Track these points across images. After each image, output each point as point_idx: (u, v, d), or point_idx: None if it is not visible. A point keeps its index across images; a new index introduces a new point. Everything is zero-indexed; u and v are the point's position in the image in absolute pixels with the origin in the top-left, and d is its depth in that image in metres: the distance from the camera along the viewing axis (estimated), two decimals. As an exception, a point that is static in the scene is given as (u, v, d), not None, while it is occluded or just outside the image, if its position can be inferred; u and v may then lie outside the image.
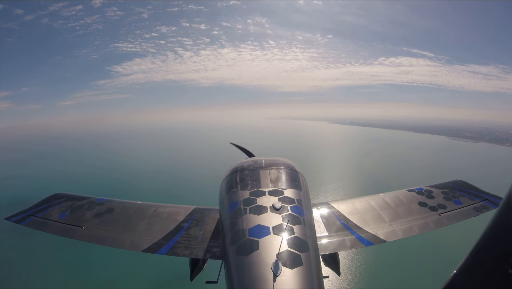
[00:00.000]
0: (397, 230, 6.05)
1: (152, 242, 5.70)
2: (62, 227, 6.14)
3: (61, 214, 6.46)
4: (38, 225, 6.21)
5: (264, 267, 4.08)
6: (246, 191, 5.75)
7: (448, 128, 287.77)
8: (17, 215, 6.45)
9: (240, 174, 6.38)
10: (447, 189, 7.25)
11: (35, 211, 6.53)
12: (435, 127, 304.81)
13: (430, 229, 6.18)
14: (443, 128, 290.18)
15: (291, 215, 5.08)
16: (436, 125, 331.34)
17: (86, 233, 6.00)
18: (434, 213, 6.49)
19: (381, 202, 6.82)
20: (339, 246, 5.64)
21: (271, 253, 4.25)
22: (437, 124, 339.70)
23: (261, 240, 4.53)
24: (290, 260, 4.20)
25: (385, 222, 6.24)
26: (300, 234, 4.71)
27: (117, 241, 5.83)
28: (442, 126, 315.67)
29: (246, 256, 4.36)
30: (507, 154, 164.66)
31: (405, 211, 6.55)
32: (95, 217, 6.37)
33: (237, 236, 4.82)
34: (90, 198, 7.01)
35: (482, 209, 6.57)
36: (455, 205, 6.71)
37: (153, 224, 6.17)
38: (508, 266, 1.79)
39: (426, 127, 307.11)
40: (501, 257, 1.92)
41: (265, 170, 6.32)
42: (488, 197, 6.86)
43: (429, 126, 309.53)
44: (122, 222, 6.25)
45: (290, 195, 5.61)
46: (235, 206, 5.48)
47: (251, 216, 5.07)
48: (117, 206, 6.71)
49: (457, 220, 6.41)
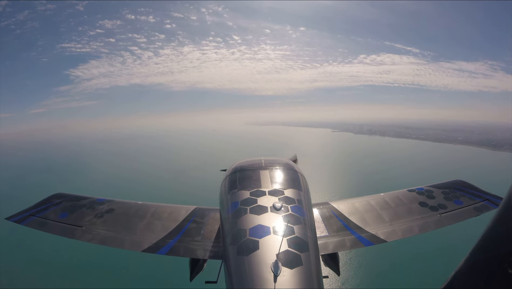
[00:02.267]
0: (397, 230, 6.04)
1: (152, 242, 5.71)
2: (63, 227, 6.14)
3: (62, 214, 6.46)
4: (39, 225, 6.21)
5: (264, 267, 4.08)
6: (247, 191, 5.75)
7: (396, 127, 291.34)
8: (18, 215, 6.46)
9: (241, 174, 6.39)
10: (448, 189, 7.25)
11: (36, 211, 6.53)
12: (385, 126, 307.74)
13: (431, 229, 6.17)
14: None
15: (292, 215, 5.08)
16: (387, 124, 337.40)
17: (86, 233, 6.00)
18: (434, 213, 6.48)
19: (381, 202, 6.82)
20: (339, 246, 5.63)
21: (271, 253, 4.25)
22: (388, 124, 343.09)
23: (261, 240, 4.53)
24: (290, 260, 4.20)
25: (385, 222, 6.24)
26: (300, 234, 4.71)
27: (117, 241, 5.84)
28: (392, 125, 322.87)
29: (246, 256, 4.36)
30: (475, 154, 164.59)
31: (405, 211, 6.54)
32: (95, 217, 6.37)
33: (238, 236, 4.82)
34: (90, 198, 7.01)
35: (483, 209, 6.57)
36: (456, 205, 6.71)
37: (154, 224, 6.17)
38: (508, 266, 1.78)
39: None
40: (501, 257, 1.90)
41: (265, 170, 6.33)
42: (489, 197, 6.85)
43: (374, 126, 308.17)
44: (122, 222, 6.25)
45: (290, 195, 5.61)
46: (235, 206, 5.48)
47: (252, 216, 5.08)
48: (117, 206, 6.71)
49: (457, 220, 6.40)
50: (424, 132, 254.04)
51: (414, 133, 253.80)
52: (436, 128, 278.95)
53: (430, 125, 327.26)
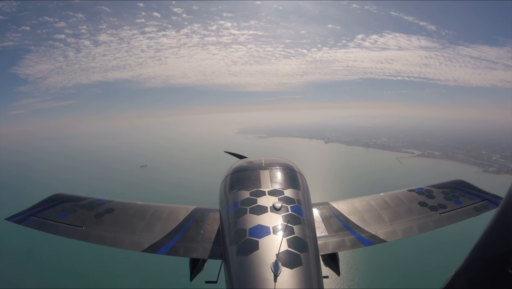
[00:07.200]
0: (397, 230, 6.04)
1: (152, 242, 5.71)
2: (62, 227, 6.14)
3: (61, 214, 6.46)
4: (39, 225, 6.21)
5: (264, 267, 4.08)
6: (246, 191, 5.75)
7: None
8: (18, 215, 6.46)
9: (240, 174, 6.40)
10: (447, 189, 7.25)
11: (36, 211, 6.53)
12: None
13: (430, 229, 6.17)
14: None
15: (291, 215, 5.09)
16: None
17: (86, 233, 6.00)
18: (434, 213, 6.49)
19: (381, 202, 6.82)
20: (339, 246, 5.63)
21: (271, 253, 4.25)
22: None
23: (261, 240, 4.54)
24: (290, 260, 4.20)
25: (385, 222, 6.24)
26: (300, 234, 4.71)
27: (117, 241, 5.84)
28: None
29: (246, 256, 4.36)
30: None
31: (405, 211, 6.54)
32: (95, 217, 6.37)
33: (237, 236, 4.83)
34: (90, 198, 7.02)
35: (482, 208, 6.57)
36: (455, 205, 6.71)
37: (153, 223, 6.18)
38: (508, 266, 1.78)
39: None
40: (501, 257, 1.90)
41: (265, 170, 6.34)
42: (488, 197, 6.86)
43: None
44: (122, 222, 6.25)
45: (290, 195, 5.62)
46: (235, 206, 5.49)
47: (251, 216, 5.08)
48: (117, 206, 6.71)
49: (457, 219, 6.40)
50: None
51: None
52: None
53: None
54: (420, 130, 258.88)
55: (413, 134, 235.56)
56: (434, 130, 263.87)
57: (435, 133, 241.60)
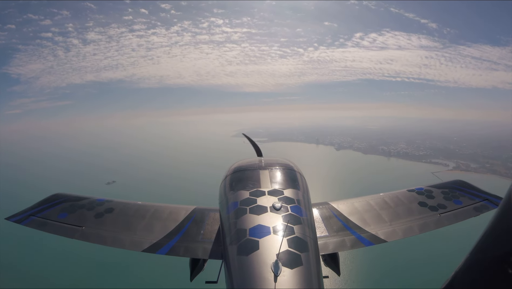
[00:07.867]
0: (397, 230, 6.05)
1: (152, 242, 5.71)
2: (62, 227, 6.14)
3: (61, 214, 6.46)
4: (38, 225, 6.21)
5: (264, 267, 4.08)
6: (246, 191, 5.75)
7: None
8: (17, 215, 6.45)
9: (240, 174, 6.41)
10: (447, 189, 7.25)
11: (35, 211, 6.53)
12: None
13: (430, 229, 6.18)
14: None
15: (291, 215, 5.09)
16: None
17: (86, 233, 6.00)
18: (434, 213, 6.49)
19: (381, 202, 6.82)
20: (339, 246, 5.64)
21: (271, 253, 4.25)
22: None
23: (261, 240, 4.54)
24: (290, 260, 4.20)
25: (385, 222, 6.24)
26: (300, 234, 4.71)
27: (117, 241, 5.84)
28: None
29: (246, 256, 4.36)
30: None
31: (405, 211, 6.55)
32: (95, 217, 6.37)
33: (237, 236, 4.83)
34: (90, 198, 7.01)
35: (482, 209, 6.57)
36: (455, 205, 6.71)
37: (153, 223, 6.17)
38: (508, 266, 1.78)
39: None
40: (501, 257, 1.90)
41: (264, 170, 6.35)
42: (488, 197, 6.86)
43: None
44: (122, 222, 6.25)
45: (289, 195, 5.62)
46: (235, 206, 5.49)
47: (251, 216, 5.08)
48: (117, 206, 6.71)
49: (457, 220, 6.41)
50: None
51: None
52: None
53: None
54: (435, 134, 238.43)
55: (430, 139, 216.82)
56: (448, 133, 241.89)
57: (452, 137, 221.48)
